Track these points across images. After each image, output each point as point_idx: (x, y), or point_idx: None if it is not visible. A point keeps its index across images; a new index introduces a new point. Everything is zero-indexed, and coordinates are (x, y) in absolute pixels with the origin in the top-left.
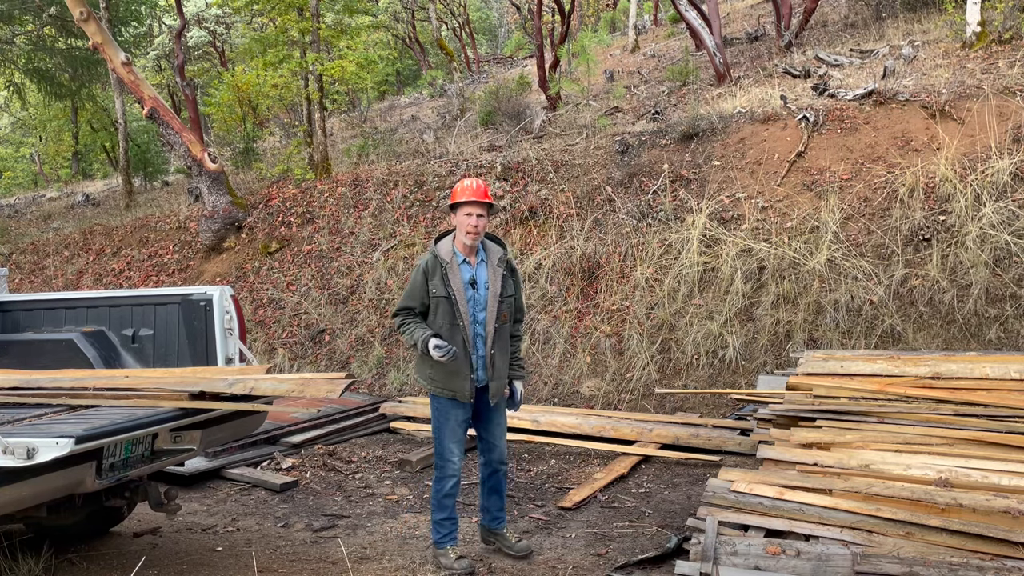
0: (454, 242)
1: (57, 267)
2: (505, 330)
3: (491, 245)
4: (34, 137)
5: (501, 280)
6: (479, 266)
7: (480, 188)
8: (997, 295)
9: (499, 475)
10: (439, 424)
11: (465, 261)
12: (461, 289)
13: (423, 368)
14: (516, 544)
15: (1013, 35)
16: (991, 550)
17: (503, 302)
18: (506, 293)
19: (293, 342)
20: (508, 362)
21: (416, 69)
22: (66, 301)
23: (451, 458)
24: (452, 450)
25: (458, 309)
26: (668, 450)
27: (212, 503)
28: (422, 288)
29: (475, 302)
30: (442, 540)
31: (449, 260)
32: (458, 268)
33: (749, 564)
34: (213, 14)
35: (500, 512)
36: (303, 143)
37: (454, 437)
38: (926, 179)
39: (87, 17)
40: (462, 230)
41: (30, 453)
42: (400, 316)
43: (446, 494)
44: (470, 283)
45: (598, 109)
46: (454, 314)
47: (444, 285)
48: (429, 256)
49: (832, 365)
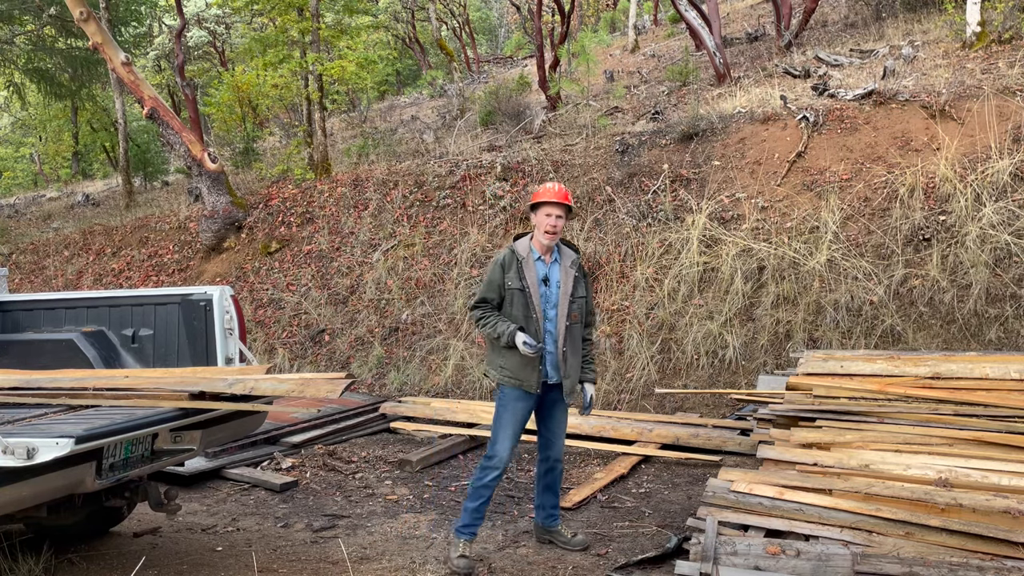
0: (531, 241)
1: (57, 267)
2: (576, 330)
3: (565, 248)
4: (34, 137)
5: (573, 281)
6: (552, 265)
7: (561, 191)
8: (997, 295)
9: (555, 473)
10: (499, 415)
11: (540, 259)
12: (535, 283)
13: (495, 359)
14: (572, 539)
15: (1013, 35)
16: (991, 550)
17: (574, 302)
18: (577, 294)
19: (293, 342)
20: (580, 364)
21: (416, 69)
22: (66, 301)
23: (501, 452)
24: (507, 439)
25: (531, 301)
26: (668, 450)
27: (212, 503)
28: (499, 280)
29: (546, 299)
30: (461, 529)
31: (525, 256)
32: (533, 264)
33: (749, 564)
34: (213, 14)
35: (554, 510)
36: (303, 143)
37: (511, 430)
38: (926, 179)
39: (87, 17)
40: (541, 229)
41: (30, 453)
42: (479, 309)
43: (485, 484)
44: (543, 280)
45: (598, 109)
46: (528, 306)
47: (519, 278)
48: (507, 251)
49: (832, 365)
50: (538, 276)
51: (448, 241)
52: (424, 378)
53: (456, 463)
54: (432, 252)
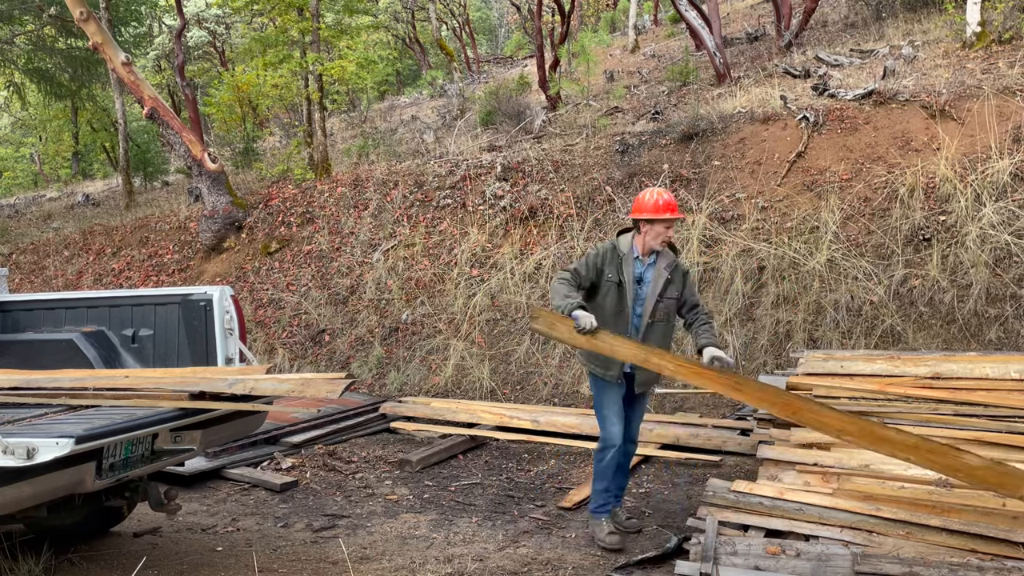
0: (634, 239)
1: (57, 267)
2: (659, 328)
3: (666, 250)
4: (34, 137)
5: (664, 283)
6: (649, 266)
7: (673, 204)
8: (997, 295)
9: (628, 454)
10: (599, 399)
11: (638, 258)
12: (631, 281)
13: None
14: (626, 521)
15: (1013, 35)
16: (991, 550)
17: (660, 302)
18: (667, 295)
19: (293, 342)
20: None
21: (416, 69)
22: (66, 301)
23: (611, 428)
24: (612, 420)
25: (626, 298)
26: (668, 450)
27: (212, 503)
28: (596, 267)
29: (637, 296)
30: (597, 510)
31: (626, 253)
32: (632, 262)
33: (749, 564)
34: (213, 14)
35: (620, 491)
36: (303, 143)
37: (613, 409)
38: (926, 179)
39: (87, 17)
40: (656, 238)
41: (30, 453)
42: (567, 275)
43: (605, 464)
44: (637, 280)
45: (598, 109)
46: (621, 301)
47: (618, 273)
48: (609, 245)
49: (832, 365)
50: (634, 274)
51: (448, 241)
52: (424, 378)
53: (456, 463)
54: (432, 252)
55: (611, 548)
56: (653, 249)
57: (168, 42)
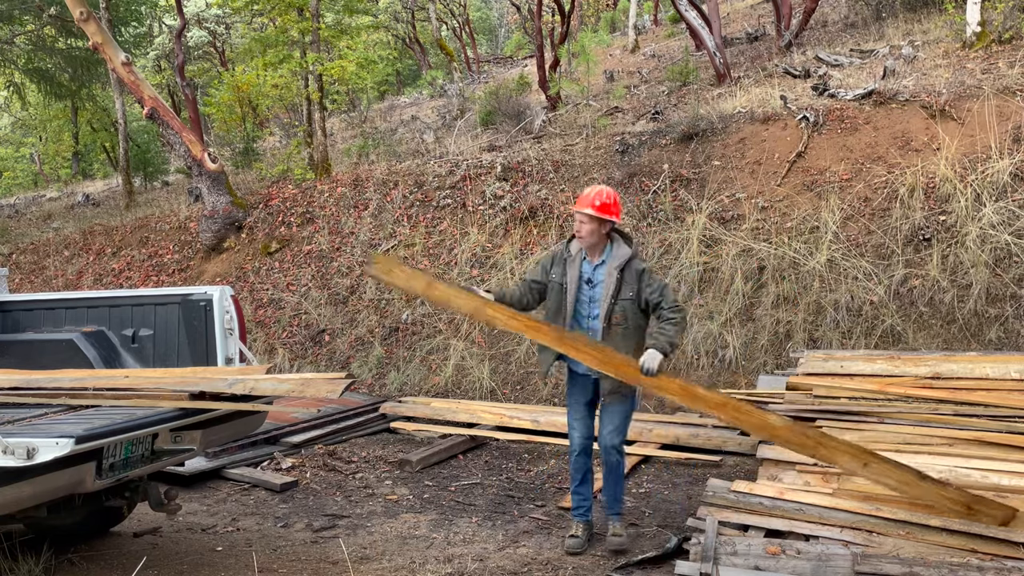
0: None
1: (57, 267)
2: (620, 331)
3: (619, 247)
4: (34, 137)
5: (616, 283)
6: (599, 266)
7: (586, 197)
8: (997, 295)
9: (608, 463)
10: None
11: (586, 258)
12: (575, 282)
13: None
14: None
15: (1013, 35)
16: (991, 550)
17: (616, 303)
18: (621, 296)
19: (293, 342)
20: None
21: (416, 69)
22: (66, 301)
23: (571, 431)
24: (571, 424)
25: (565, 299)
26: (668, 450)
27: (212, 503)
28: (547, 266)
29: (591, 299)
30: (573, 511)
31: (573, 254)
32: (579, 263)
33: (749, 564)
34: (213, 14)
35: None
36: (303, 143)
37: (573, 411)
38: (926, 179)
39: (87, 17)
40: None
41: (30, 453)
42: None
43: (572, 466)
44: (586, 281)
45: (598, 109)
46: (561, 303)
47: (561, 274)
48: (561, 246)
49: (832, 365)
50: (581, 275)
51: (448, 241)
52: (424, 378)
53: (456, 463)
54: (432, 252)
55: (568, 552)
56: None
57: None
